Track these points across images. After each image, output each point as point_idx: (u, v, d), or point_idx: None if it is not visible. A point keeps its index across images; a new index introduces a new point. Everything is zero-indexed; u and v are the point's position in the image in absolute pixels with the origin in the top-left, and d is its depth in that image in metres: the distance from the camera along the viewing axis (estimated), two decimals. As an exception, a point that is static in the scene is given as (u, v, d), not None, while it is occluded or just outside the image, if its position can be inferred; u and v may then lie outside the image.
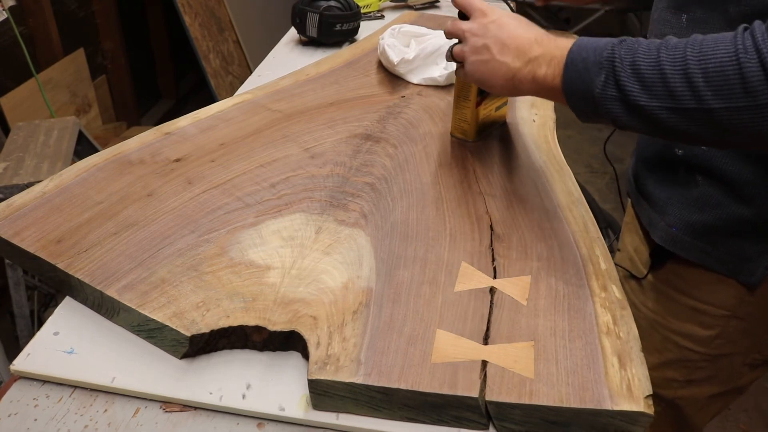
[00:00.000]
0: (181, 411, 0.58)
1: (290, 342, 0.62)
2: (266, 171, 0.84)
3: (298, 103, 1.03)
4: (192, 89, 3.48)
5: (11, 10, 2.06)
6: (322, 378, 0.55)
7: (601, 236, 0.75)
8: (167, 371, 0.60)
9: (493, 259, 0.71)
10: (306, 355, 0.60)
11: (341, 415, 0.57)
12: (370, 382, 0.55)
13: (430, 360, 0.57)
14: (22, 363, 0.60)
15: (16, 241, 0.69)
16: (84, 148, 1.83)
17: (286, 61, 1.34)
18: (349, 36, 1.42)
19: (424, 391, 0.55)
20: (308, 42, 1.43)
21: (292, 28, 1.45)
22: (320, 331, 0.60)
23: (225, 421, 0.57)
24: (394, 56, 1.13)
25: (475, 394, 0.54)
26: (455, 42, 0.80)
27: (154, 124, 2.26)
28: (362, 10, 1.50)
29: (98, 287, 0.64)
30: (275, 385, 0.59)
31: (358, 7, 1.42)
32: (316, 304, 0.63)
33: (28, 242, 0.69)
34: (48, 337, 0.63)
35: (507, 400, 0.54)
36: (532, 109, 1.06)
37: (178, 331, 0.59)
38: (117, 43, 2.75)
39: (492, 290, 0.66)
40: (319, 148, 0.91)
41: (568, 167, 0.90)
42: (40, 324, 0.98)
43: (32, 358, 0.61)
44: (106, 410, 0.58)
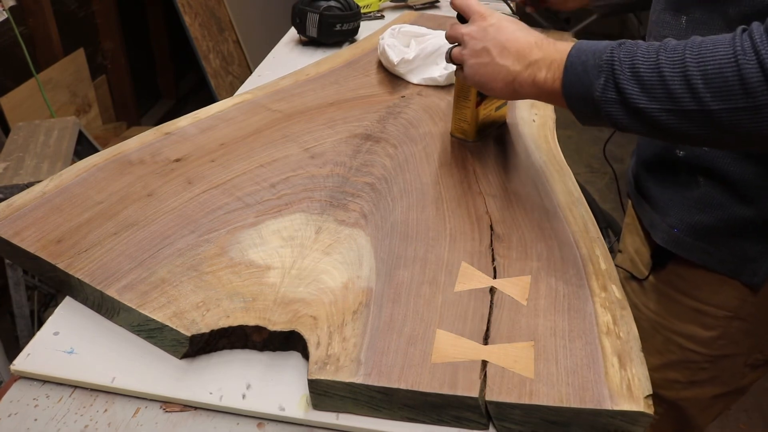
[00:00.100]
0: (181, 411, 0.58)
1: (290, 342, 0.62)
2: (266, 171, 0.84)
3: (298, 103, 1.03)
4: (192, 89, 3.48)
5: (11, 10, 2.06)
6: (322, 378, 0.55)
7: (601, 236, 0.75)
8: (167, 371, 0.60)
9: (493, 259, 0.71)
10: (306, 355, 0.60)
11: (341, 415, 0.57)
12: (370, 382, 0.55)
13: (430, 360, 0.57)
14: (22, 363, 0.60)
15: (16, 241, 0.69)
16: (84, 148, 1.83)
17: (286, 61, 1.34)
18: (349, 36, 1.42)
19: (424, 391, 0.55)
20: (308, 42, 1.43)
21: (292, 28, 1.45)
22: (320, 331, 0.60)
23: (225, 421, 0.57)
24: (394, 56, 1.13)
25: (475, 394, 0.54)
26: (454, 44, 0.80)
27: (154, 124, 2.26)
28: (362, 10, 1.50)
29: (98, 287, 0.64)
30: (275, 385, 0.59)
31: (358, 7, 1.42)
32: (316, 304, 0.63)
33: (28, 242, 0.69)
34: (48, 337, 0.63)
35: (507, 400, 0.54)
36: (532, 110, 1.06)
37: (178, 331, 0.59)
38: (117, 43, 2.75)
39: (492, 290, 0.66)
40: (319, 148, 0.91)
41: (568, 167, 0.90)
42: (40, 324, 0.98)
43: (32, 358, 0.61)
44: (106, 410, 0.58)
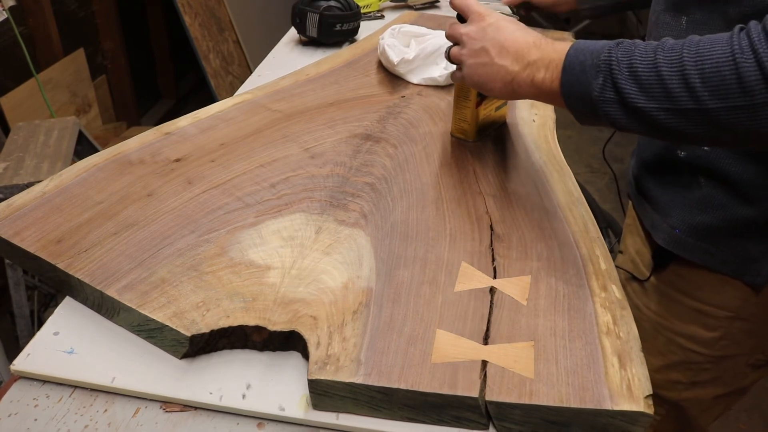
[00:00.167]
0: (181, 411, 0.58)
1: (290, 342, 0.62)
2: (266, 171, 0.84)
3: (298, 103, 1.03)
4: (192, 89, 3.48)
5: (11, 10, 2.06)
6: (322, 378, 0.55)
7: (601, 236, 0.75)
8: (167, 371, 0.60)
9: (493, 259, 0.71)
10: (306, 355, 0.60)
11: (341, 415, 0.57)
12: (370, 382, 0.55)
13: (430, 360, 0.57)
14: (22, 363, 0.60)
15: (16, 241, 0.69)
16: (84, 148, 1.83)
17: (286, 61, 1.34)
18: (349, 36, 1.42)
19: (424, 391, 0.55)
20: (308, 42, 1.43)
21: (292, 28, 1.45)
22: (320, 331, 0.60)
23: (225, 421, 0.57)
24: (394, 56, 1.13)
25: (475, 394, 0.54)
26: (454, 43, 0.80)
27: (154, 124, 2.26)
28: (362, 10, 1.50)
29: (98, 287, 0.64)
30: (275, 385, 0.59)
31: (358, 7, 1.42)
32: (316, 304, 0.63)
33: (28, 242, 0.69)
34: (48, 337, 0.63)
35: (507, 400, 0.54)
36: (532, 110, 1.06)
37: (178, 331, 0.59)
38: (117, 43, 2.75)
39: (492, 290, 0.66)
40: (319, 148, 0.91)
41: (568, 167, 0.90)
42: (40, 324, 0.98)
43: (32, 358, 0.61)
44: (106, 410, 0.58)
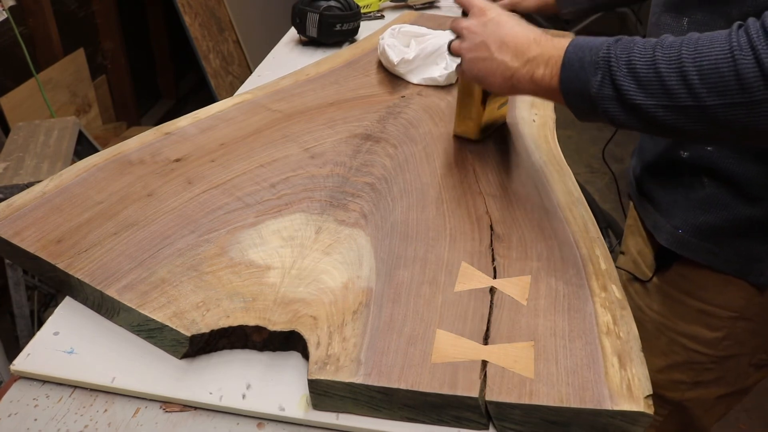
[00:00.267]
0: (181, 411, 0.58)
1: (290, 342, 0.62)
2: (266, 171, 0.84)
3: (298, 103, 1.03)
4: (192, 89, 3.48)
5: (11, 10, 2.06)
6: (322, 378, 0.55)
7: (601, 236, 0.75)
8: (167, 371, 0.60)
9: (493, 259, 0.70)
10: (306, 355, 0.60)
11: (341, 415, 0.57)
12: (370, 382, 0.55)
13: (430, 360, 0.57)
14: (22, 363, 0.60)
15: (16, 241, 0.69)
16: (84, 148, 1.83)
17: (286, 61, 1.34)
18: (349, 36, 1.42)
19: (424, 391, 0.55)
20: (308, 42, 1.43)
21: (292, 28, 1.45)
22: (320, 331, 0.60)
23: (225, 421, 0.57)
24: (394, 56, 1.13)
25: (475, 394, 0.54)
26: (455, 37, 0.80)
27: (154, 124, 2.26)
28: (362, 10, 1.50)
29: (98, 287, 0.64)
30: (275, 385, 0.59)
31: (358, 7, 1.42)
32: (316, 304, 0.63)
33: (28, 242, 0.69)
34: (48, 337, 0.63)
35: (507, 400, 0.54)
36: (532, 109, 1.06)
37: (178, 331, 0.59)
38: (117, 43, 2.75)
39: (492, 290, 0.66)
40: (319, 148, 0.91)
41: (568, 167, 0.90)
42: (40, 324, 0.98)
43: (32, 358, 0.61)
44: (106, 410, 0.58)
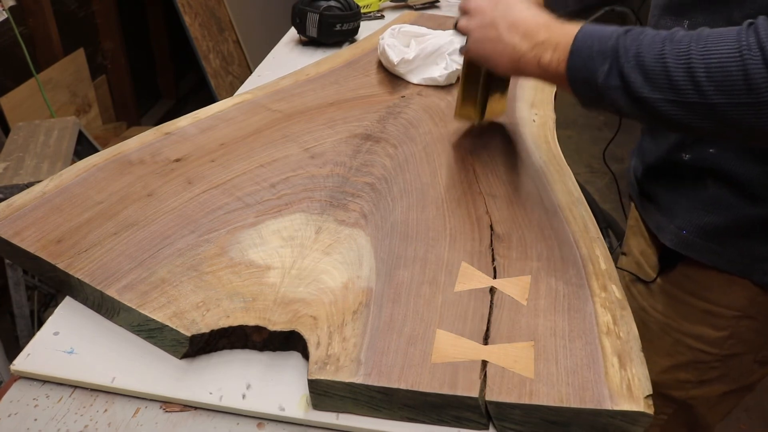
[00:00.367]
0: (181, 411, 0.58)
1: (290, 342, 0.62)
2: (266, 171, 0.84)
3: (298, 103, 1.03)
4: (192, 89, 3.48)
5: (11, 10, 2.06)
6: (322, 378, 0.55)
7: (601, 236, 0.75)
8: (167, 371, 0.60)
9: (493, 259, 0.70)
10: (306, 355, 0.60)
11: (341, 415, 0.57)
12: (370, 382, 0.55)
13: (430, 360, 0.57)
14: (22, 363, 0.60)
15: (16, 241, 0.69)
16: (84, 148, 1.83)
17: (286, 61, 1.34)
18: (349, 36, 1.42)
19: (424, 391, 0.55)
20: (308, 42, 1.43)
21: (292, 28, 1.45)
22: (320, 331, 0.60)
23: (225, 421, 0.57)
24: (394, 56, 1.13)
25: (475, 394, 0.54)
26: (462, 14, 0.79)
27: (154, 124, 2.26)
28: (362, 10, 1.50)
29: (98, 287, 0.64)
30: (275, 385, 0.59)
31: (358, 7, 1.42)
32: (316, 304, 0.63)
33: (28, 242, 0.69)
34: (48, 337, 0.63)
35: (507, 400, 0.54)
36: (532, 109, 1.06)
37: (178, 331, 0.59)
38: (117, 43, 2.75)
39: (492, 290, 0.66)
40: (319, 148, 0.91)
41: (568, 167, 0.90)
42: (40, 324, 0.98)
43: (32, 358, 0.61)
44: (106, 410, 0.58)
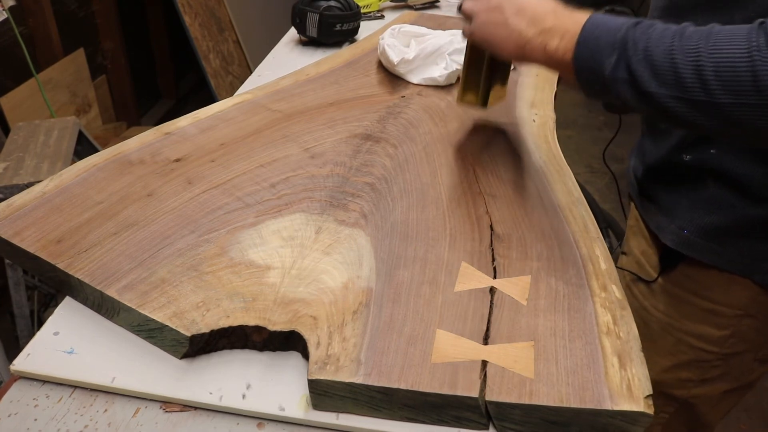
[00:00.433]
0: (181, 411, 0.58)
1: (290, 342, 0.62)
2: (266, 171, 0.84)
3: (298, 103, 1.03)
4: (192, 89, 3.48)
5: (11, 10, 2.06)
6: (322, 378, 0.55)
7: (601, 236, 0.75)
8: (167, 371, 0.60)
9: (493, 259, 0.70)
10: (306, 355, 0.60)
11: (341, 415, 0.57)
12: (370, 382, 0.55)
13: (430, 360, 0.57)
14: (22, 363, 0.60)
15: (16, 241, 0.69)
16: (84, 148, 1.83)
17: (286, 61, 1.34)
18: (349, 36, 1.42)
19: (424, 391, 0.55)
20: (308, 42, 1.43)
21: (292, 28, 1.45)
22: (320, 331, 0.60)
23: (225, 421, 0.57)
24: (394, 56, 1.13)
25: (475, 394, 0.54)
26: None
27: (154, 124, 2.26)
28: (362, 10, 1.50)
29: (98, 287, 0.64)
30: (275, 385, 0.59)
31: (358, 7, 1.42)
32: (316, 304, 0.63)
33: (28, 242, 0.69)
34: (48, 337, 0.63)
35: (507, 400, 0.54)
36: (532, 109, 1.06)
37: (178, 331, 0.59)
38: (117, 43, 2.75)
39: (492, 290, 0.66)
40: (319, 148, 0.91)
41: (568, 167, 0.90)
42: (40, 324, 0.98)
43: (32, 358, 0.61)
44: (106, 410, 0.58)
